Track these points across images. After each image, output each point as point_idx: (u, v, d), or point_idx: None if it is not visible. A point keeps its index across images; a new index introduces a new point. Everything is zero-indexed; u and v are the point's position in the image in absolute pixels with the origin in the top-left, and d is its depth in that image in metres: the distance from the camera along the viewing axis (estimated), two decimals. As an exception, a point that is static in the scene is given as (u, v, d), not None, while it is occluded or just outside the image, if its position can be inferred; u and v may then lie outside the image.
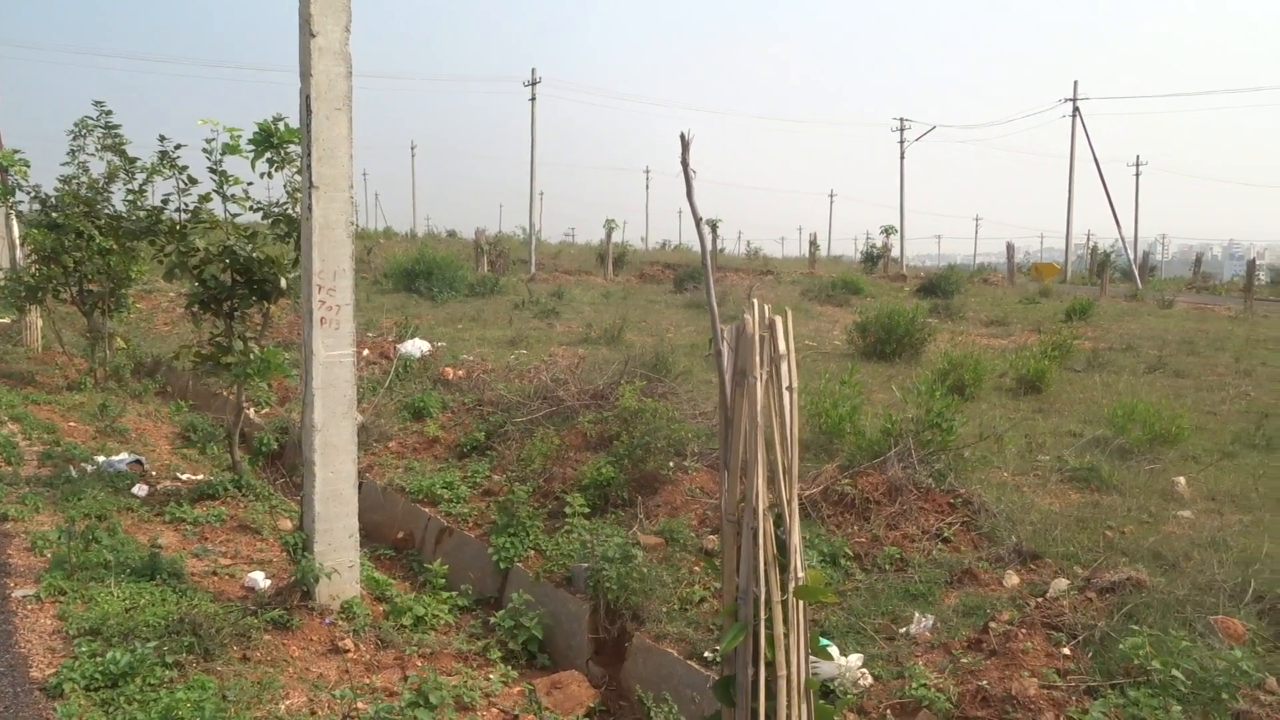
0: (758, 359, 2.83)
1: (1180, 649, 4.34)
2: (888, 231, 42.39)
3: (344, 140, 6.00)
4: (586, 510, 7.64)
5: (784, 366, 2.91)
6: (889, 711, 4.89)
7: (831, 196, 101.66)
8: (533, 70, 38.55)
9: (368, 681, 5.51)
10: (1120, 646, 4.73)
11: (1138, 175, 67.36)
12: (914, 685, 4.98)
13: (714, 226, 36.66)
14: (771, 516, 2.89)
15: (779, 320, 2.93)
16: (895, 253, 45.64)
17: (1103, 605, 5.56)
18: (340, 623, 6.08)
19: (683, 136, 2.86)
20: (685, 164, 2.88)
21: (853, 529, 7.00)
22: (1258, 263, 38.32)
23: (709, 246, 3.08)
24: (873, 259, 41.74)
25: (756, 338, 2.84)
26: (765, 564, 2.85)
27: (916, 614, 5.80)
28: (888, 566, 6.50)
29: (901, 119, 52.96)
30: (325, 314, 6.02)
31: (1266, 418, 10.66)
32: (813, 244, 44.16)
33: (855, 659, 5.27)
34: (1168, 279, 50.85)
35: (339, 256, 6.05)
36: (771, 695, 2.87)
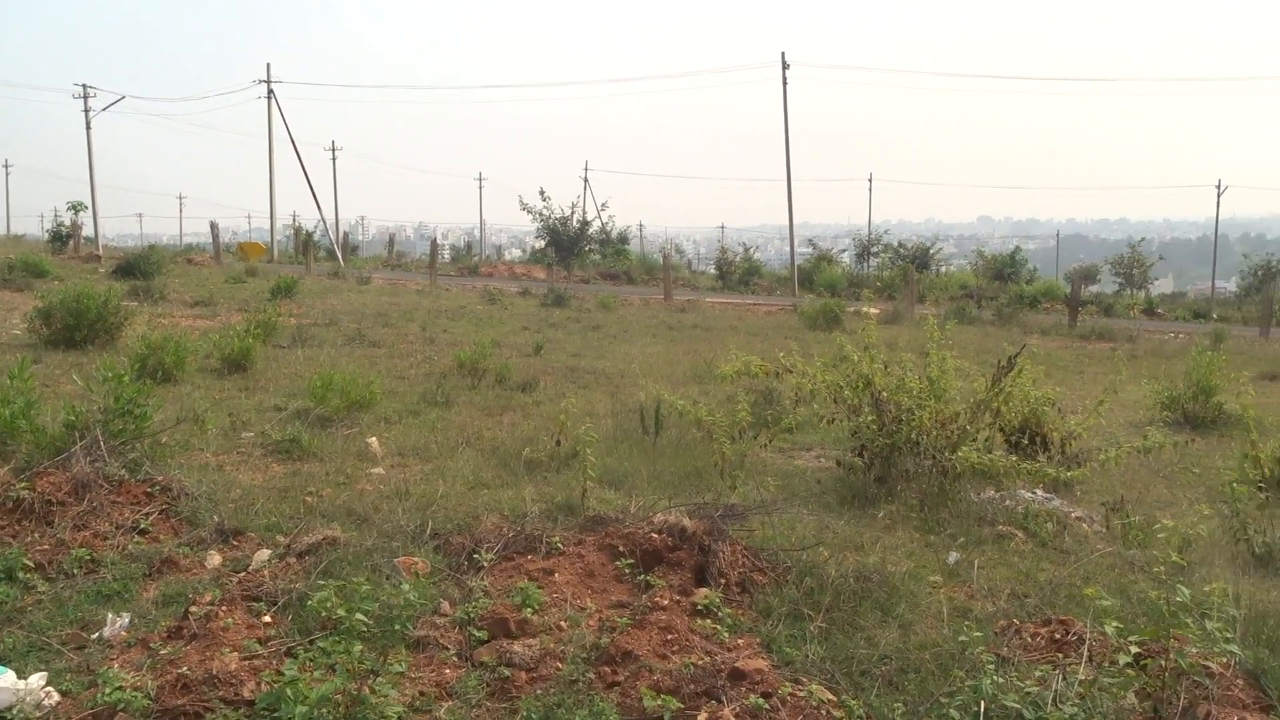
0: None
1: (363, 594, 4.70)
2: (77, 208, 38.58)
3: None
4: None
5: None
6: (79, 726, 4.49)
7: (7, 167, 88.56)
8: None
9: None
10: (309, 603, 4.97)
11: (334, 159, 71.08)
12: (108, 691, 4.64)
13: None
14: None
15: None
16: (89, 231, 41.83)
17: (302, 568, 5.80)
18: None
19: None
20: None
21: (33, 536, 6.25)
22: (440, 242, 43.43)
23: None
24: (62, 238, 37.60)
25: None
26: None
27: (110, 615, 5.41)
28: (76, 571, 5.93)
29: (85, 85, 48.40)
30: None
31: (445, 378, 12.15)
32: (-15, 221, 38.23)
33: (37, 679, 4.72)
34: (368, 257, 54.60)
35: None
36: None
